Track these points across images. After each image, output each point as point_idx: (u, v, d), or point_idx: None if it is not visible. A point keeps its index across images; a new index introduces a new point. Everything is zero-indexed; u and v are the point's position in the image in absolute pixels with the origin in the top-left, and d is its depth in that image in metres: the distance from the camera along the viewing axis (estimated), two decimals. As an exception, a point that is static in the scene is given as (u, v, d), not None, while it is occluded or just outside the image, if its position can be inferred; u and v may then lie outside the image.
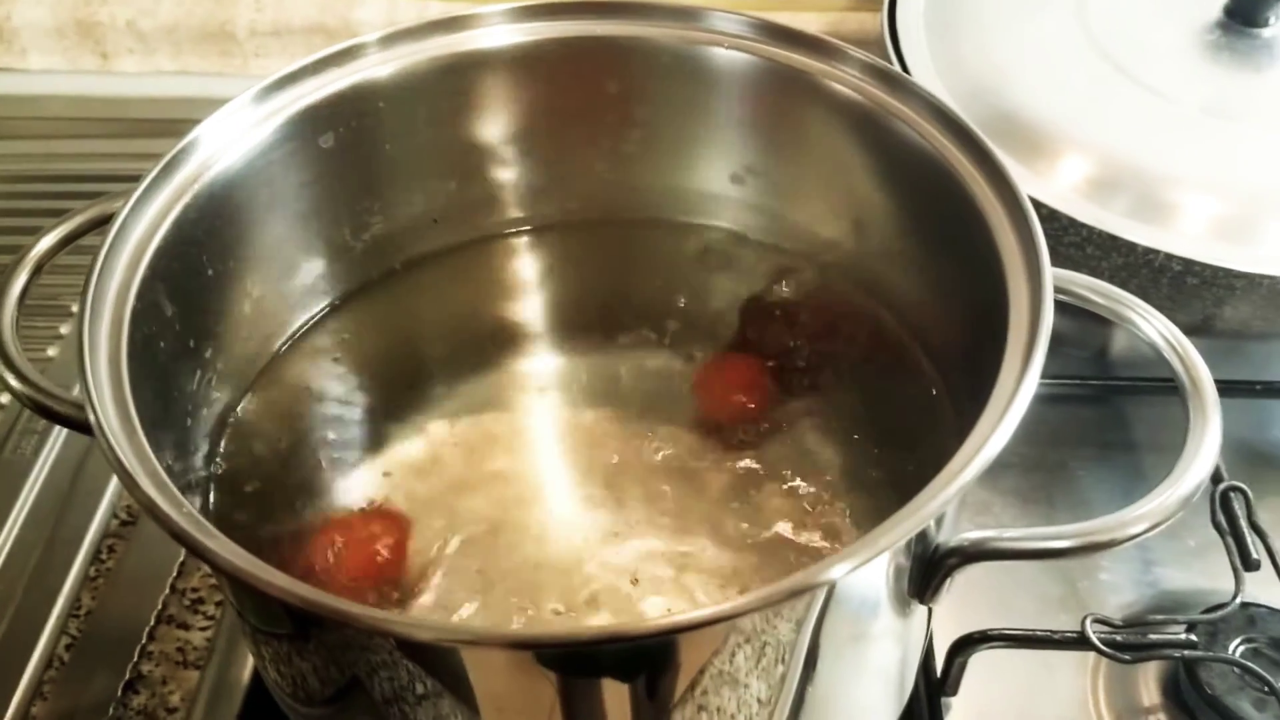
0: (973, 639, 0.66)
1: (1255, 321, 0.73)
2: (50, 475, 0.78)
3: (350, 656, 0.47)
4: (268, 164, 0.59)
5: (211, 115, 0.57)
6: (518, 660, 0.43)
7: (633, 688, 0.46)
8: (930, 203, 0.56)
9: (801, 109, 0.63)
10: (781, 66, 0.62)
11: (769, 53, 0.62)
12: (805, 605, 0.45)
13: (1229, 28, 0.81)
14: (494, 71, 0.65)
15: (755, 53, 0.63)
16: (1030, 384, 0.44)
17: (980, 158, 0.54)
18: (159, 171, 0.55)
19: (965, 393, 0.50)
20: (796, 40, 0.62)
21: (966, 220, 0.53)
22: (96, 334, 0.48)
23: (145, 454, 0.44)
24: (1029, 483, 0.79)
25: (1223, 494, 0.71)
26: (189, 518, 0.41)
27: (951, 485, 0.41)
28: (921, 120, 0.57)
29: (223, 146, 0.57)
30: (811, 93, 0.62)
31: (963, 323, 0.54)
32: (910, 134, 0.57)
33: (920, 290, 0.61)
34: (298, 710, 0.56)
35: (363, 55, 0.61)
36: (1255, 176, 0.74)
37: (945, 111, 0.57)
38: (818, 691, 0.51)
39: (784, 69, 0.62)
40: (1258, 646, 0.66)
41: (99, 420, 0.44)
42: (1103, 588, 0.73)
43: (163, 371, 0.54)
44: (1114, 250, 0.70)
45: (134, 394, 0.47)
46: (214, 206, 0.57)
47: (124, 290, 0.51)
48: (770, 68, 0.62)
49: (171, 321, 0.54)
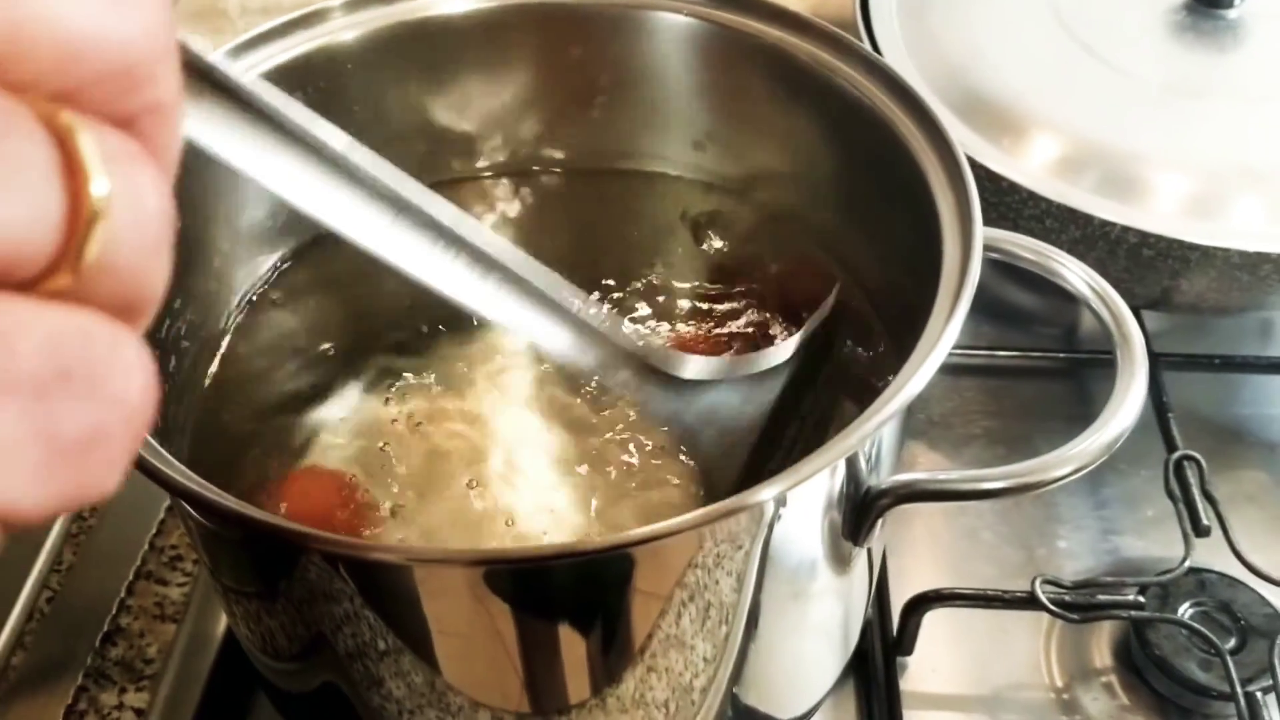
0: (926, 598, 0.67)
1: (1211, 295, 0.74)
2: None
3: (315, 612, 0.48)
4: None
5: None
6: (472, 586, 0.44)
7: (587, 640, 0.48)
8: (877, 164, 0.58)
9: (752, 73, 0.65)
10: (731, 31, 0.63)
11: (719, 17, 0.64)
12: (746, 543, 0.46)
13: (1195, 9, 0.83)
14: (458, 37, 0.66)
15: (706, 18, 0.64)
16: (952, 333, 0.45)
17: (923, 119, 0.55)
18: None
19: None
20: (747, 6, 0.63)
21: (909, 179, 0.54)
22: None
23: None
24: (992, 454, 0.80)
25: (1176, 462, 0.72)
26: (166, 461, 0.42)
27: (869, 422, 0.42)
28: (868, 83, 0.58)
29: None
30: (760, 56, 0.63)
31: (908, 281, 0.55)
32: (858, 96, 0.59)
33: (870, 249, 0.63)
34: (268, 665, 0.57)
35: (328, 19, 0.63)
36: (1219, 153, 0.76)
37: (891, 75, 0.58)
38: (761, 645, 0.52)
39: (734, 33, 0.63)
40: (1206, 610, 0.67)
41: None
42: (1060, 554, 0.75)
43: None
44: (1072, 223, 0.72)
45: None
46: (184, 164, 0.58)
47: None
48: (720, 32, 0.64)
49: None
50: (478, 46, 0.66)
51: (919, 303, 0.50)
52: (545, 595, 0.46)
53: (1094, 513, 0.77)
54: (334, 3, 0.63)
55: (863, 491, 0.48)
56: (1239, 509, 0.74)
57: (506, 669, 0.48)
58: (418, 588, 0.45)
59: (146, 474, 0.42)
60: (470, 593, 0.45)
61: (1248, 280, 0.72)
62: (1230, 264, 0.71)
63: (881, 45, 0.82)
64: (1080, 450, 0.48)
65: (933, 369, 0.44)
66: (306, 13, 0.62)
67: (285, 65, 0.61)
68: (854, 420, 0.44)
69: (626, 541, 0.43)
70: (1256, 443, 0.81)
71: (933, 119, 0.54)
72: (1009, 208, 0.74)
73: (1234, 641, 0.66)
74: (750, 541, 0.46)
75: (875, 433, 0.44)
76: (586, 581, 0.46)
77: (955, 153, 0.52)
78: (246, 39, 0.60)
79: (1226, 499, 0.71)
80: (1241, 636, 0.66)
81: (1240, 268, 0.71)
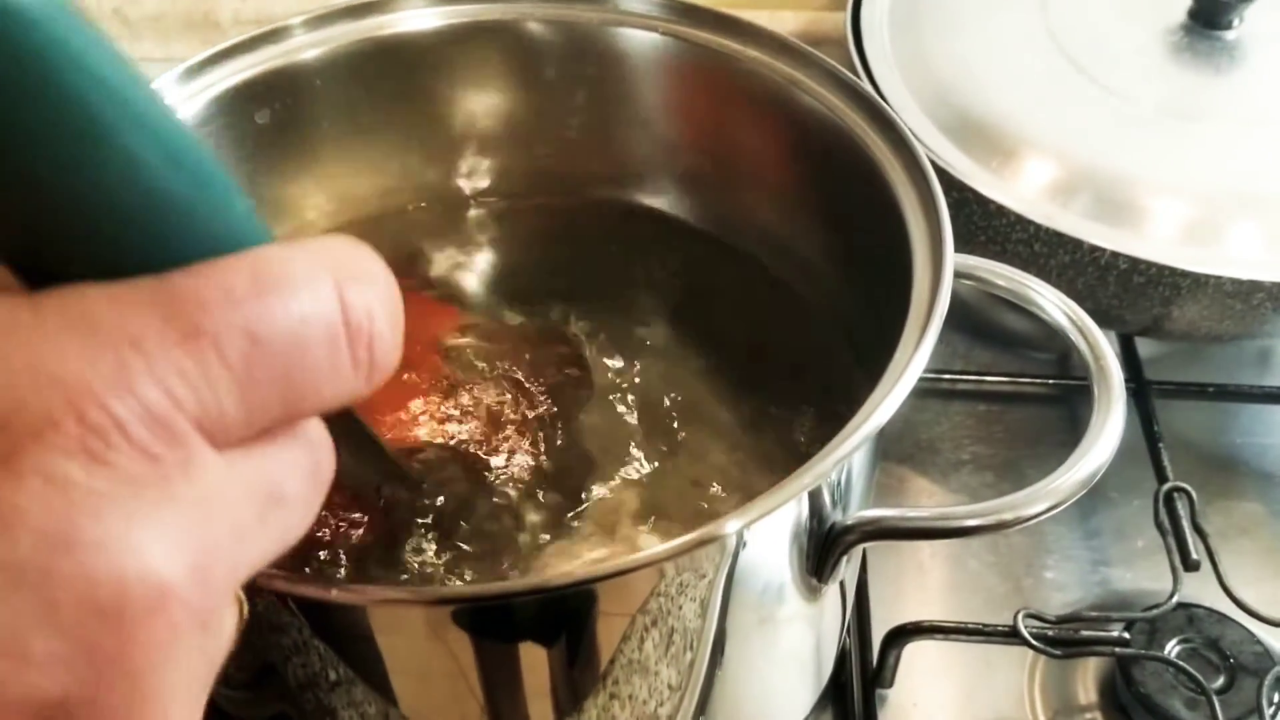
0: (906, 630, 0.66)
1: (1204, 323, 0.72)
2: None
3: (263, 641, 0.46)
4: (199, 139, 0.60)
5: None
6: (430, 623, 0.43)
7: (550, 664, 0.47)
8: (851, 188, 0.57)
9: (727, 92, 0.63)
10: (707, 50, 0.62)
11: (694, 36, 0.62)
12: (710, 572, 0.45)
13: (1192, 30, 0.81)
14: (429, 54, 0.65)
15: (680, 36, 0.63)
16: (920, 361, 0.44)
17: (898, 144, 0.54)
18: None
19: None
20: (716, 23, 0.62)
21: (882, 204, 0.53)
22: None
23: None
24: (980, 480, 0.79)
25: (1166, 494, 0.70)
26: None
27: (828, 459, 0.41)
28: (843, 105, 0.57)
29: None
30: (737, 77, 0.62)
31: (881, 307, 0.54)
32: (832, 119, 0.57)
33: (843, 275, 0.61)
34: (220, 692, 0.56)
35: (290, 37, 0.62)
36: (1214, 178, 0.73)
37: (868, 97, 0.57)
38: (727, 674, 0.51)
39: (710, 53, 0.62)
40: (1194, 647, 0.65)
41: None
42: (1047, 585, 0.73)
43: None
44: (1061, 248, 0.70)
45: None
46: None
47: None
48: (695, 51, 0.63)
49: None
50: (448, 64, 0.65)
51: (892, 331, 0.48)
52: (506, 628, 0.45)
53: (1083, 542, 0.75)
54: (293, 21, 0.62)
55: (826, 527, 0.47)
56: (1231, 541, 0.73)
57: (466, 699, 0.47)
58: (371, 624, 0.44)
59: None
60: (428, 628, 0.44)
61: (1241, 309, 0.70)
62: (1223, 292, 0.69)
63: (872, 63, 0.81)
64: (1054, 487, 0.46)
65: (898, 401, 0.43)
66: (270, 29, 0.61)
67: (249, 81, 0.60)
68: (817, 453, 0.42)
69: (590, 577, 0.42)
70: (1250, 473, 0.79)
71: (908, 143, 0.53)
72: (997, 231, 0.72)
73: (1222, 680, 0.64)
74: (714, 570, 0.45)
75: (840, 465, 0.42)
76: (548, 613, 0.45)
77: (929, 178, 0.51)
78: (200, 59, 0.59)
79: (1218, 531, 0.70)
80: (1230, 675, 0.64)
81: (1233, 296, 0.69)
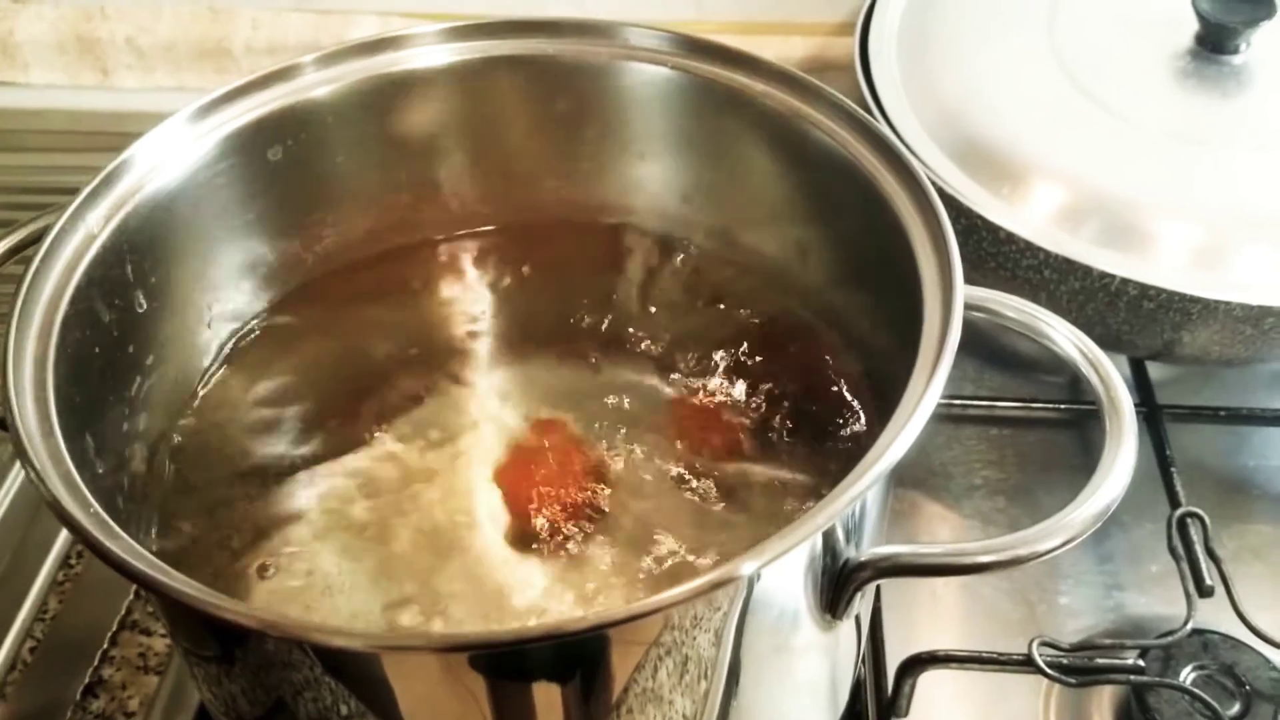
0: (921, 659, 0.66)
1: (1215, 348, 0.72)
2: (24, 483, 0.79)
3: (273, 678, 0.47)
4: (211, 176, 0.61)
5: (148, 133, 0.59)
6: (444, 666, 0.44)
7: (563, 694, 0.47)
8: (861, 222, 0.57)
9: (737, 126, 0.64)
10: (711, 83, 0.63)
11: (705, 70, 0.63)
12: (721, 615, 0.45)
13: (1200, 54, 0.80)
14: (436, 90, 0.66)
15: (690, 70, 0.63)
16: (931, 399, 0.44)
17: (907, 178, 0.54)
18: (96, 185, 0.56)
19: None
20: (724, 57, 0.62)
21: (892, 239, 0.53)
22: (24, 337, 0.49)
23: (60, 455, 0.45)
24: (992, 505, 0.79)
25: (1179, 520, 0.70)
26: (94, 518, 0.42)
27: (840, 499, 0.41)
28: (853, 139, 0.57)
29: (160, 162, 0.59)
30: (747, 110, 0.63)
31: (894, 342, 0.54)
32: (842, 153, 0.58)
33: (856, 309, 0.62)
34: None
35: (301, 75, 0.63)
36: (1224, 203, 0.73)
37: (876, 132, 0.57)
38: (742, 704, 0.51)
39: (720, 87, 0.62)
40: (1210, 673, 0.65)
41: (13, 419, 0.45)
42: (1061, 611, 0.73)
43: (99, 376, 0.55)
44: (1070, 274, 0.70)
45: (61, 397, 0.48)
46: (156, 217, 0.58)
47: (57, 296, 0.52)
48: (704, 85, 0.63)
49: (109, 328, 0.55)
50: (460, 100, 0.65)
51: (904, 365, 0.49)
52: (520, 670, 0.45)
53: (1097, 568, 0.75)
54: (305, 59, 0.62)
55: (840, 564, 0.47)
56: (1245, 565, 0.73)
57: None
58: (384, 669, 0.44)
59: (94, 552, 0.41)
60: (442, 671, 0.44)
61: (1251, 333, 0.70)
62: (1233, 317, 0.69)
63: (880, 89, 0.81)
64: (1068, 521, 0.46)
65: (910, 439, 0.43)
66: (275, 69, 0.62)
67: (263, 118, 0.61)
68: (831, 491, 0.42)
69: (605, 622, 0.43)
70: (1263, 496, 0.79)
71: (917, 178, 0.53)
72: (1007, 257, 0.72)
73: (1238, 707, 0.64)
74: (730, 604, 0.46)
75: (854, 503, 0.42)
76: (563, 654, 0.45)
77: (938, 212, 0.51)
78: (212, 98, 0.60)
79: (1232, 555, 0.70)
80: (1245, 701, 0.64)
81: (1244, 321, 0.69)
